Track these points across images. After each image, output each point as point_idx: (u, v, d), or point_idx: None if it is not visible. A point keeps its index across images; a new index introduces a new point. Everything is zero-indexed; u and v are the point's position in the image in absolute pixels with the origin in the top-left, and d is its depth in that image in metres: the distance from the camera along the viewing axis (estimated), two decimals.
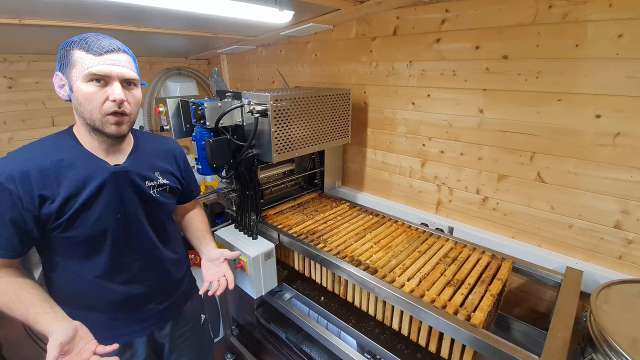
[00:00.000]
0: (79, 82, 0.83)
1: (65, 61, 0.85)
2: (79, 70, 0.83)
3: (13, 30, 1.68)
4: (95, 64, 0.82)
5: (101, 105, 0.85)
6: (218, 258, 1.21)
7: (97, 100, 0.85)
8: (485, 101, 1.47)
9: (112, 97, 0.84)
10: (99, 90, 0.84)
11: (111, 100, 0.85)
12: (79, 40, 0.83)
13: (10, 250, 0.87)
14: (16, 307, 0.84)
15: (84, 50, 0.82)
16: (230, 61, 2.98)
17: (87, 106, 0.85)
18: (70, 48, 0.84)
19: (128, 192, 0.97)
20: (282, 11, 1.45)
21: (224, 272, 1.20)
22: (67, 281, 0.97)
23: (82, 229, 0.90)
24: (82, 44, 0.83)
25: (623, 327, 0.96)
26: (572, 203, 1.34)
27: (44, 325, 0.81)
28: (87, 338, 0.84)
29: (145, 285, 1.05)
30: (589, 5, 1.16)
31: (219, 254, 1.21)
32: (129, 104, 0.89)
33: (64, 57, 0.85)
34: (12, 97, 2.31)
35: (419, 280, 1.18)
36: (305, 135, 1.55)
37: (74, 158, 0.90)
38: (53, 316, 0.83)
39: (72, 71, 0.84)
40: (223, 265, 1.21)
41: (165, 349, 1.17)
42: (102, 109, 0.86)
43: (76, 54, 0.83)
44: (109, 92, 0.85)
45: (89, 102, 0.84)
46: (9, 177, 0.83)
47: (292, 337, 1.73)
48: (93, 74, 0.82)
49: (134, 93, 0.91)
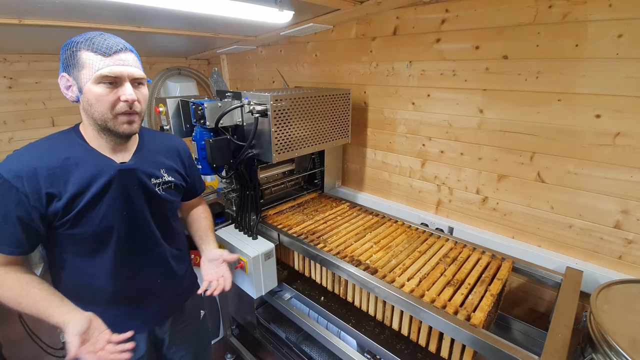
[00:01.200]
0: (90, 83, 0.83)
1: (72, 62, 0.84)
2: (89, 72, 0.82)
3: (13, 30, 1.68)
4: (105, 65, 0.82)
5: (113, 106, 0.86)
6: (217, 259, 1.22)
7: (109, 101, 0.85)
8: (485, 101, 1.47)
9: (124, 98, 0.85)
10: (110, 91, 0.85)
11: (123, 100, 0.86)
12: (85, 40, 0.83)
13: (16, 247, 0.88)
14: (26, 302, 0.86)
15: (91, 51, 0.82)
16: (230, 61, 2.98)
17: (98, 107, 0.85)
18: (76, 49, 0.83)
19: (134, 190, 0.98)
20: (282, 11, 1.45)
21: (222, 273, 1.21)
22: (72, 277, 0.98)
23: (88, 226, 0.92)
24: (89, 45, 0.82)
25: (623, 327, 0.96)
26: (572, 203, 1.34)
27: (57, 318, 0.84)
28: (100, 328, 0.87)
29: (148, 282, 1.07)
30: (589, 5, 1.16)
31: (219, 254, 1.22)
32: (139, 102, 0.90)
33: (70, 58, 0.84)
34: (12, 97, 2.31)
35: (419, 280, 1.18)
36: (305, 135, 1.55)
37: (80, 156, 0.91)
38: (65, 309, 0.86)
39: (81, 73, 0.83)
40: (222, 266, 1.22)
41: (165, 343, 1.19)
42: (115, 109, 0.86)
43: (84, 55, 0.82)
44: (120, 92, 0.85)
45: (101, 103, 0.85)
46: (16, 175, 0.83)
47: (292, 337, 1.73)
48: (104, 76, 0.82)
49: (142, 91, 0.92)
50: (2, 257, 0.88)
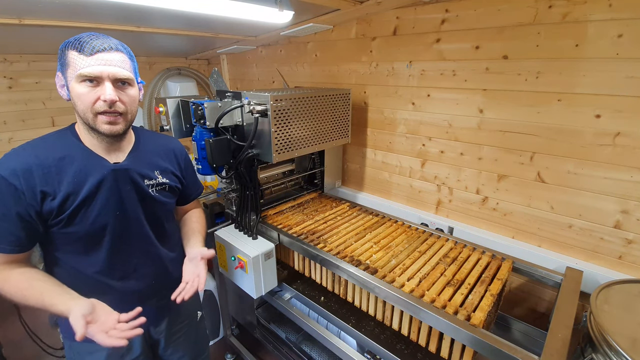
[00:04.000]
0: (73, 82, 0.85)
1: (62, 62, 0.86)
2: (72, 71, 0.84)
3: (13, 30, 1.68)
4: (86, 65, 0.83)
5: (92, 104, 0.86)
6: (196, 257, 1.13)
7: (89, 100, 0.86)
8: (485, 101, 1.47)
9: (103, 98, 0.86)
10: (90, 90, 0.85)
11: (102, 100, 0.86)
12: (74, 40, 0.85)
13: (17, 245, 0.89)
14: (30, 294, 0.87)
15: (76, 50, 0.83)
16: (230, 61, 2.98)
17: (80, 106, 0.87)
18: (65, 48, 0.85)
19: (127, 190, 0.98)
20: (282, 11, 1.45)
21: (199, 272, 1.10)
22: (67, 276, 0.98)
23: (82, 225, 0.92)
24: (75, 45, 0.84)
25: (623, 327, 0.96)
26: (572, 203, 1.34)
27: (62, 306, 0.85)
28: (106, 310, 0.88)
29: (142, 282, 1.07)
30: (589, 5, 1.16)
31: (197, 252, 1.13)
32: (122, 103, 0.89)
33: (61, 57, 0.87)
34: (12, 97, 2.31)
35: (419, 280, 1.18)
36: (305, 135, 1.55)
37: (75, 155, 0.92)
38: (68, 297, 0.87)
39: (68, 71, 0.86)
40: (199, 265, 1.11)
41: (161, 345, 1.18)
42: (93, 108, 0.87)
43: (70, 55, 0.84)
44: (100, 92, 0.86)
45: (82, 102, 0.86)
46: (13, 172, 0.85)
47: (292, 337, 1.73)
48: (84, 75, 0.83)
49: (129, 92, 0.91)
50: (4, 257, 0.89)
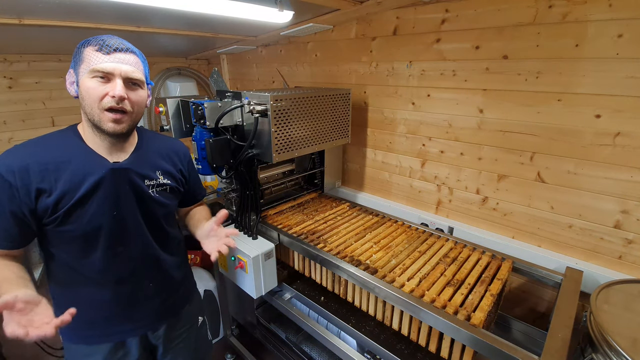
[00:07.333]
0: (84, 77, 0.85)
1: (77, 58, 0.87)
2: (86, 66, 0.85)
3: (13, 30, 1.68)
4: (101, 61, 0.84)
5: (100, 99, 0.86)
6: (212, 228, 1.13)
7: (97, 94, 0.86)
8: (485, 101, 1.47)
9: (112, 93, 0.86)
10: (100, 85, 0.86)
11: (110, 95, 0.86)
12: (94, 39, 0.86)
13: (9, 241, 0.89)
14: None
15: (94, 47, 0.85)
16: (230, 61, 2.98)
17: (87, 100, 0.87)
18: (83, 46, 0.86)
19: (125, 190, 0.97)
20: (282, 11, 1.45)
21: (224, 234, 1.11)
22: (64, 276, 0.98)
23: (77, 224, 0.91)
24: (95, 42, 0.86)
25: (623, 327, 0.96)
26: (572, 203, 1.34)
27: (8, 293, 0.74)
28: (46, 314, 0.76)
29: (139, 285, 1.05)
30: (589, 5, 1.16)
31: (211, 222, 1.13)
32: (130, 102, 0.90)
33: (76, 54, 0.88)
34: (12, 97, 2.31)
35: (419, 280, 1.18)
36: (305, 135, 1.55)
37: (75, 154, 0.91)
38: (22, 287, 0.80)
39: (81, 67, 0.86)
40: (220, 231, 1.12)
41: (159, 351, 1.16)
42: (101, 103, 0.86)
43: (86, 51, 0.86)
44: (110, 88, 0.86)
45: (89, 96, 0.86)
46: (9, 169, 0.85)
47: (292, 337, 1.73)
48: (97, 70, 0.84)
49: (138, 93, 0.92)
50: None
